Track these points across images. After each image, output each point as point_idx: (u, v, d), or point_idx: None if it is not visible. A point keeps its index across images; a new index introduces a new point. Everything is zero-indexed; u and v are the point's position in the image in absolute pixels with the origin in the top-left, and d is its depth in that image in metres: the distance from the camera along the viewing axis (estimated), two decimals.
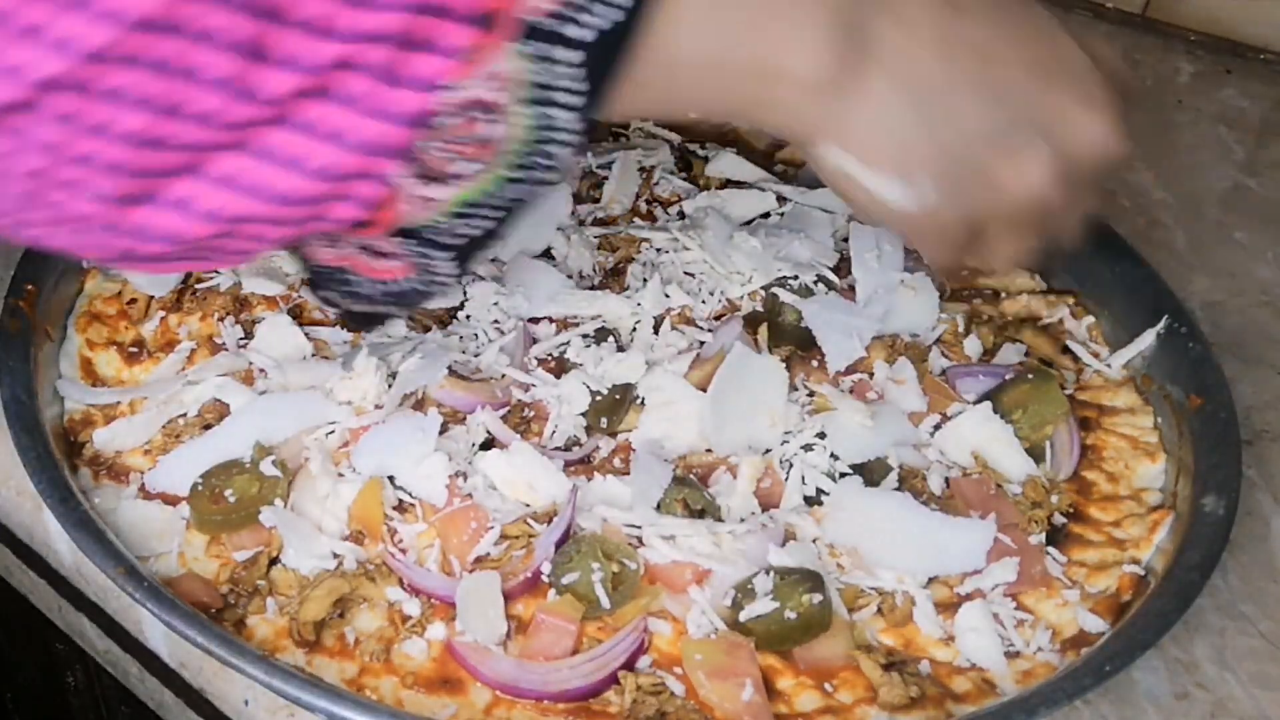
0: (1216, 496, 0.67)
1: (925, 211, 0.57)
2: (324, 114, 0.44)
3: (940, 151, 0.56)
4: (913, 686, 0.61)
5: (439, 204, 0.49)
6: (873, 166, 0.56)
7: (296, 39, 0.42)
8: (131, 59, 0.40)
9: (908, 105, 0.55)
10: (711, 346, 0.76)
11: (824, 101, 0.54)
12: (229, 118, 0.43)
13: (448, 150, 0.47)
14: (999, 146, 0.56)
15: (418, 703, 0.60)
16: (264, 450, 0.68)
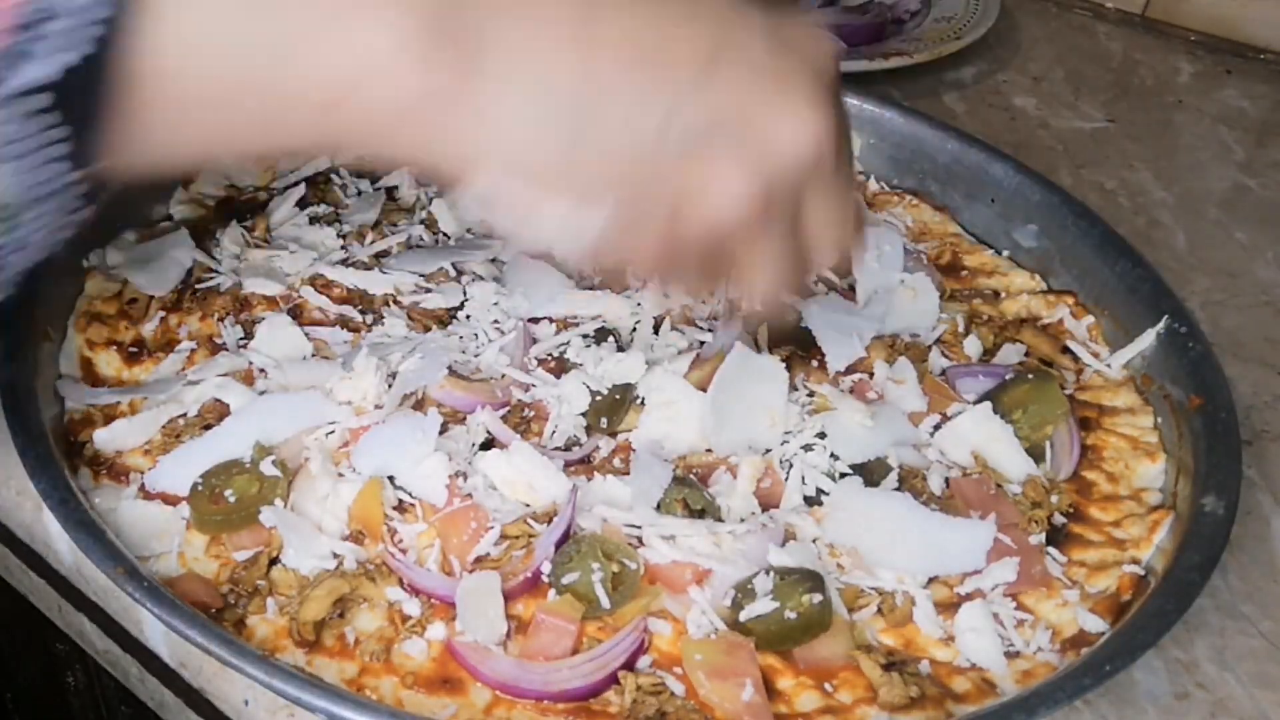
0: (1216, 496, 0.67)
1: (613, 235, 0.49)
2: None
3: (608, 163, 0.48)
4: (913, 686, 0.61)
5: None
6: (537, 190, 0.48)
7: None
8: None
9: (554, 113, 0.46)
10: (711, 346, 0.76)
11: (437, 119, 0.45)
12: None
13: None
14: (683, 155, 0.48)
15: (418, 703, 0.60)
16: (264, 450, 0.68)
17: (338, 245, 0.85)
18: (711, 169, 0.48)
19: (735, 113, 0.48)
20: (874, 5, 1.25)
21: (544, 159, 0.47)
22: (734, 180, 0.49)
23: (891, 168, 0.96)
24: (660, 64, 0.47)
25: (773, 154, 0.49)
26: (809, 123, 0.49)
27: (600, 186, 0.48)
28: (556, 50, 0.46)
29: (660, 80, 0.47)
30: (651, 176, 0.48)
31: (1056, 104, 1.14)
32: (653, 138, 0.47)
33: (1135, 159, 1.07)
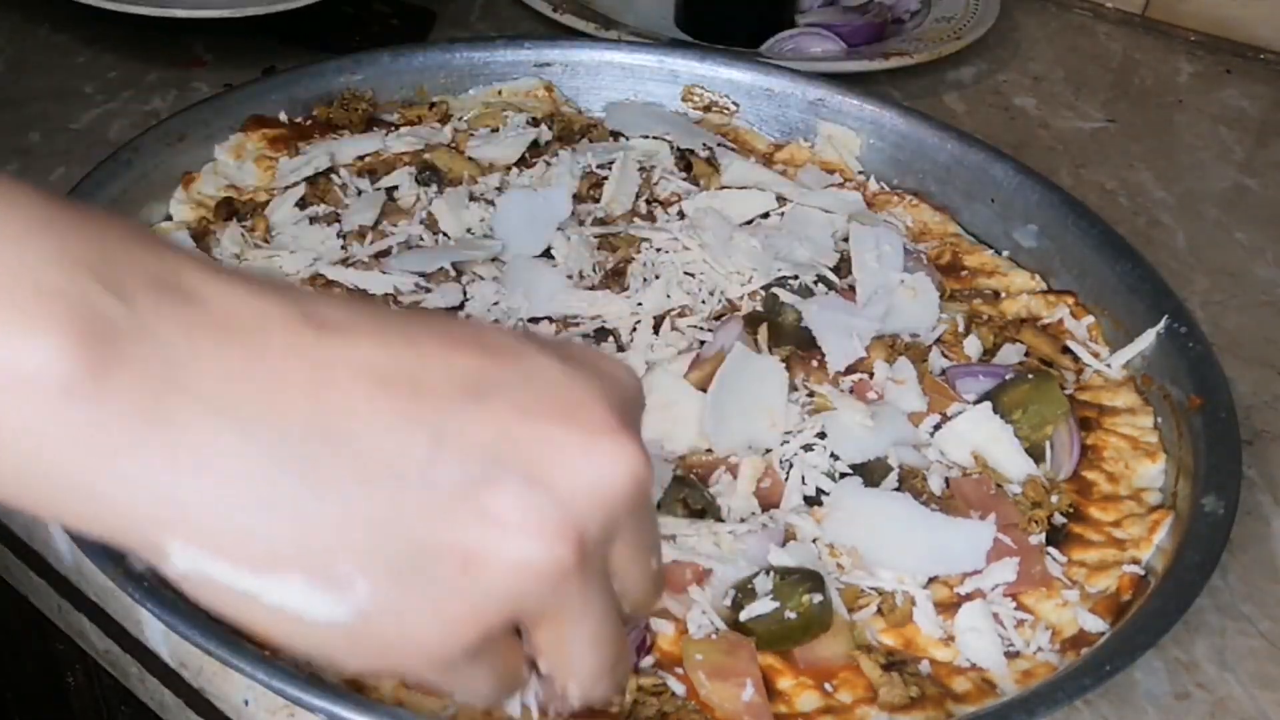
0: (1216, 496, 0.67)
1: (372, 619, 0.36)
2: None
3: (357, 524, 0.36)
4: (913, 686, 0.61)
5: None
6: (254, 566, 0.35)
7: None
8: None
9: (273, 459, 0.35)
10: (711, 346, 0.76)
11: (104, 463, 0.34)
12: None
13: None
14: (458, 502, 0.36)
15: (418, 703, 0.60)
16: None
17: (338, 245, 0.85)
18: (499, 520, 0.37)
19: (522, 449, 0.37)
20: (874, 5, 1.25)
21: (261, 522, 0.35)
22: (530, 529, 0.37)
23: (891, 168, 0.96)
24: (416, 397, 0.37)
25: (573, 494, 0.38)
26: (612, 455, 0.38)
27: (344, 555, 0.36)
28: (275, 380, 0.35)
29: (417, 409, 0.36)
30: (418, 536, 0.36)
31: (1056, 104, 1.14)
32: (415, 485, 0.36)
33: (1135, 159, 1.07)
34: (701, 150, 0.95)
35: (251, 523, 0.35)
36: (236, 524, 0.35)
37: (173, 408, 0.34)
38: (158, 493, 0.34)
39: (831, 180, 0.95)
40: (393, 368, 0.37)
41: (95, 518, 0.35)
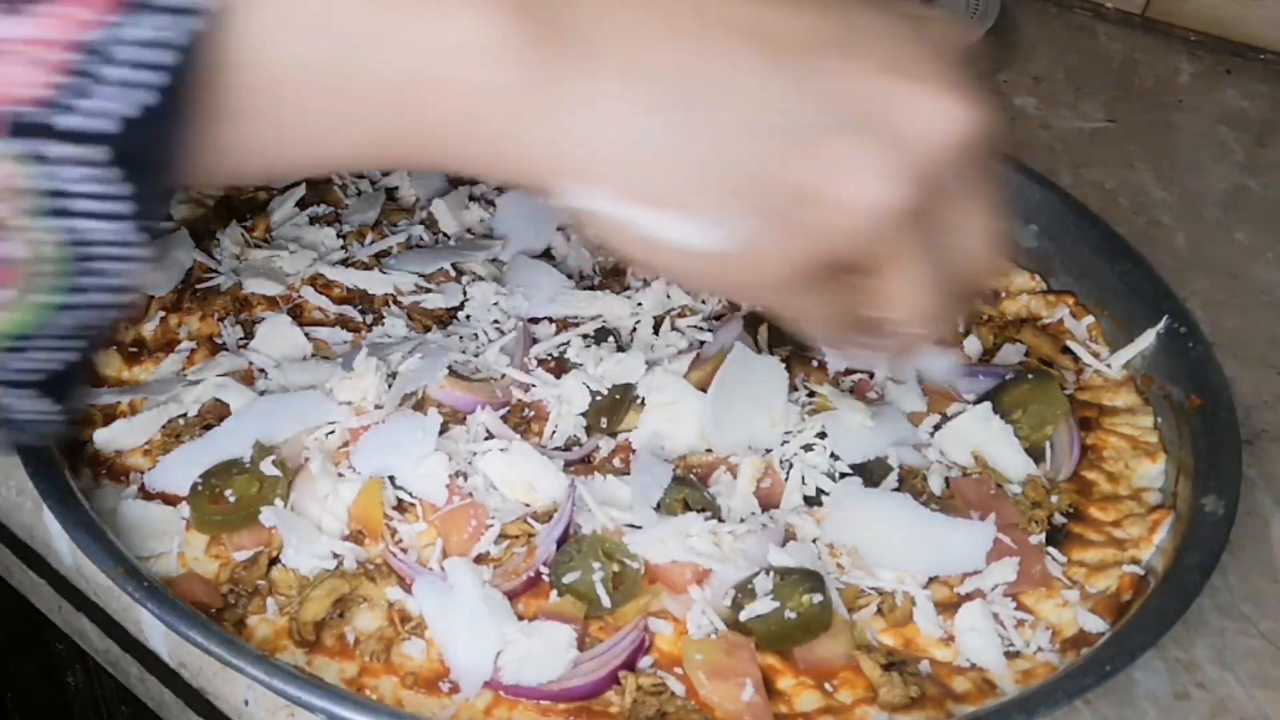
0: (1216, 496, 0.67)
1: (741, 253, 0.42)
2: None
3: (730, 165, 0.41)
4: (913, 686, 0.61)
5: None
6: (648, 202, 0.41)
7: None
8: None
9: (666, 108, 0.40)
10: (711, 346, 0.76)
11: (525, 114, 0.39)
12: None
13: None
14: (812, 146, 0.41)
15: (418, 703, 0.60)
16: (264, 450, 0.68)
17: (338, 245, 0.85)
18: (848, 163, 0.41)
19: (868, 100, 0.41)
20: None
21: (649, 161, 0.40)
22: (875, 173, 0.41)
23: None
24: (777, 51, 0.41)
25: (917, 142, 0.42)
26: (955, 105, 0.42)
27: (717, 191, 0.41)
28: (659, 38, 0.40)
29: (778, 68, 0.41)
30: (777, 177, 0.41)
31: (1056, 104, 1.14)
32: (775, 132, 0.41)
33: (1135, 159, 1.07)
34: None
35: (642, 167, 0.40)
36: (630, 168, 0.40)
37: (589, 67, 0.39)
38: (572, 142, 0.40)
39: None
40: (757, 23, 0.41)
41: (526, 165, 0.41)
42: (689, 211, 0.41)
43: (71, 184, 0.35)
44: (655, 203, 0.41)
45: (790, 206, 0.41)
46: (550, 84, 0.39)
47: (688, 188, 0.41)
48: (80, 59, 0.34)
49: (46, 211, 0.36)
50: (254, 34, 0.37)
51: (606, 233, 0.42)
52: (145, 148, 0.36)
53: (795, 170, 0.41)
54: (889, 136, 0.41)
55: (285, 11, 0.37)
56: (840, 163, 0.41)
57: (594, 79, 0.39)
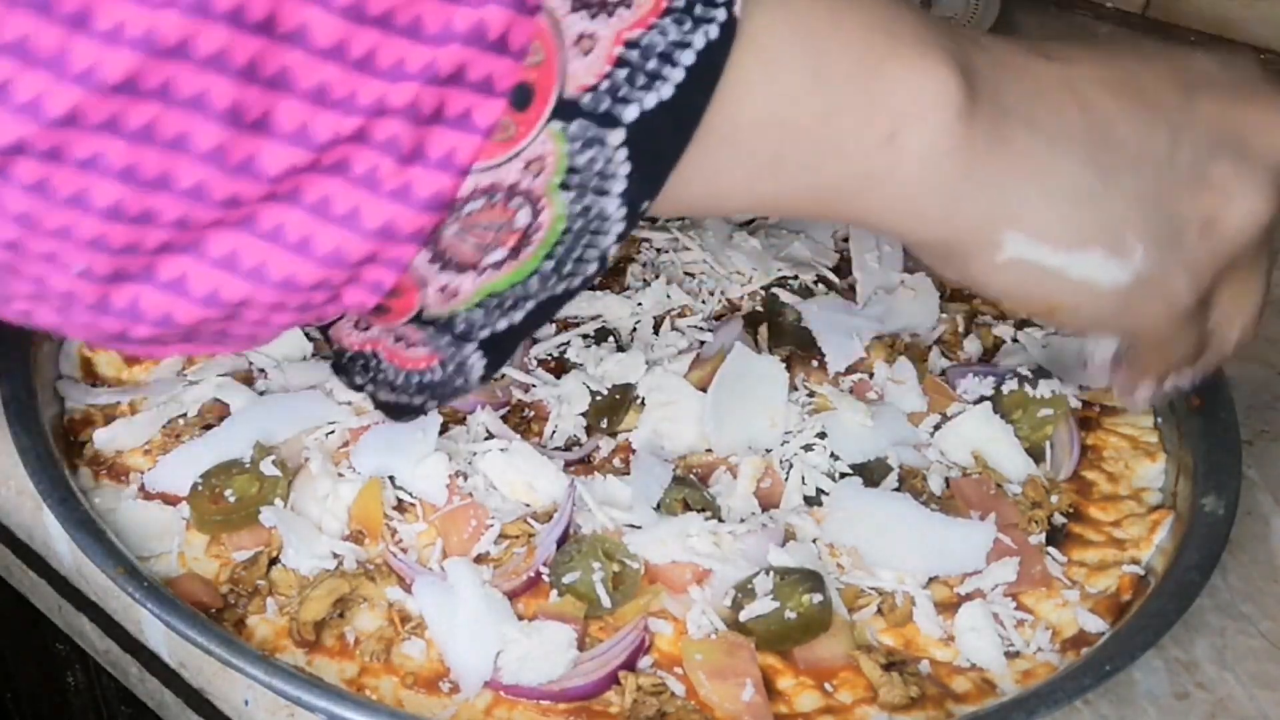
0: (1216, 496, 0.67)
1: (1143, 281, 0.46)
2: (336, 193, 0.39)
3: (1136, 202, 0.45)
4: (913, 686, 0.61)
5: (463, 295, 0.43)
6: (1069, 245, 0.45)
7: (301, 109, 0.37)
8: (106, 125, 0.36)
9: (1074, 158, 0.44)
10: (711, 346, 0.76)
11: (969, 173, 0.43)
12: (224, 194, 0.38)
13: (474, 237, 0.41)
14: (1194, 178, 0.46)
15: (418, 703, 0.60)
16: (264, 450, 0.68)
17: None
18: (1233, 188, 0.46)
19: (1228, 128, 0.47)
20: None
21: (1071, 209, 0.44)
22: (1257, 192, 0.47)
23: None
24: (1145, 98, 0.46)
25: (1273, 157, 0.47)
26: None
27: (1128, 228, 0.45)
28: (1063, 103, 0.44)
29: (1152, 111, 0.46)
30: (1179, 211, 0.46)
31: None
32: (1167, 172, 0.46)
33: None
34: None
35: (1065, 211, 0.44)
36: (1055, 214, 0.44)
37: (1009, 126, 0.43)
38: (1008, 195, 0.44)
39: None
40: (1122, 81, 0.46)
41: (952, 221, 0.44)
42: (1110, 250, 0.45)
43: (596, 164, 0.40)
44: (1080, 245, 0.45)
45: (1192, 236, 0.46)
46: (987, 143, 0.43)
47: (1108, 230, 0.45)
48: (631, 55, 0.38)
49: (569, 185, 0.40)
50: (750, 65, 0.40)
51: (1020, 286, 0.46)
52: (653, 138, 0.40)
53: (1192, 203, 0.46)
54: (1255, 156, 0.47)
55: (783, 51, 0.41)
56: (1227, 189, 0.46)
57: (1022, 137, 0.43)
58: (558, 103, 0.39)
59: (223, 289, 0.40)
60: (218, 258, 0.40)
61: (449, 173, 0.39)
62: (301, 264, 0.40)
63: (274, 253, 0.40)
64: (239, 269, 0.40)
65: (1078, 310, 0.47)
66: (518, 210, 0.41)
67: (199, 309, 0.41)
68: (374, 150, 0.38)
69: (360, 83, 0.37)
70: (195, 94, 0.36)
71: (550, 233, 0.42)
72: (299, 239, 0.39)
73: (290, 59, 0.36)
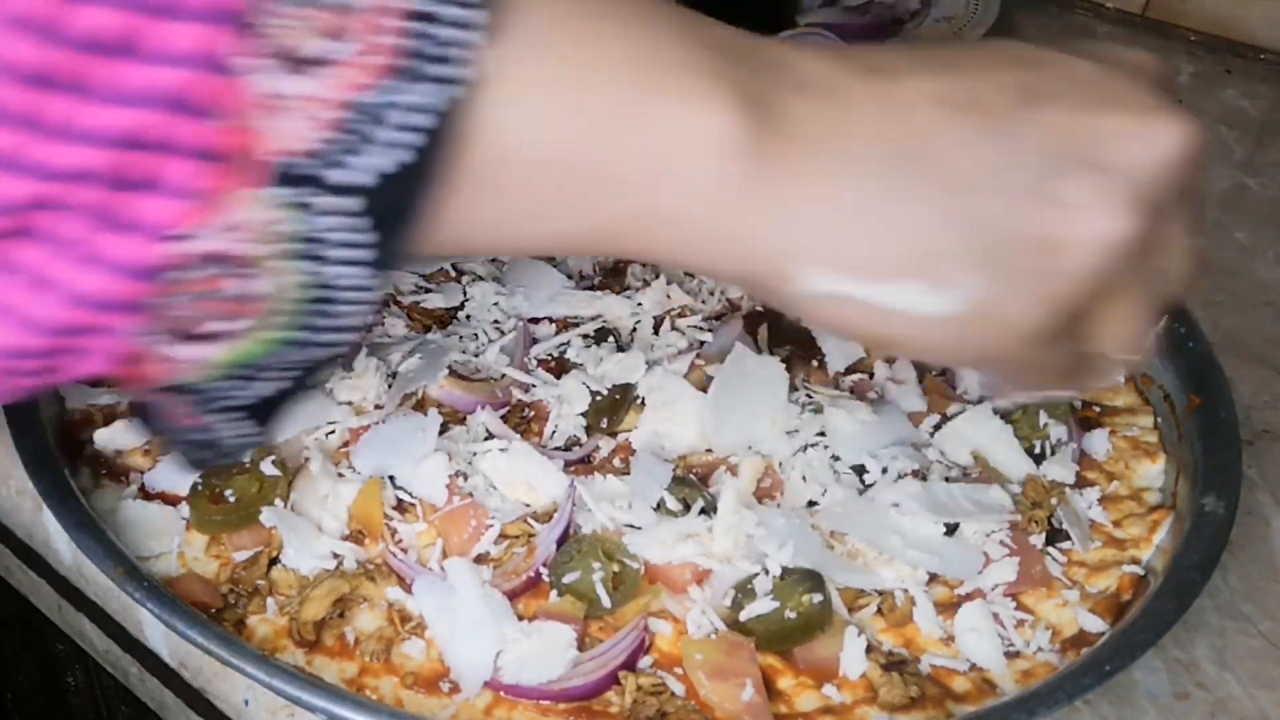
0: (1216, 496, 0.67)
1: (978, 308, 0.42)
2: (32, 259, 0.37)
3: (956, 227, 0.41)
4: (913, 686, 0.61)
5: (202, 364, 0.41)
6: (877, 277, 0.41)
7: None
8: None
9: (875, 182, 0.41)
10: (711, 346, 0.76)
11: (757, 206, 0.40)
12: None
13: (196, 308, 0.39)
14: (1033, 196, 0.41)
15: (418, 703, 0.60)
16: (264, 450, 0.68)
17: None
18: (1078, 204, 0.41)
19: (1079, 139, 0.42)
20: (874, 5, 1.25)
21: (879, 237, 0.41)
22: (1105, 208, 0.41)
23: None
24: (981, 114, 0.42)
25: (1134, 169, 0.42)
26: (1161, 126, 0.42)
27: (949, 256, 0.41)
28: (867, 123, 0.41)
29: (988, 130, 0.42)
30: (1012, 231, 0.41)
31: None
32: (1000, 190, 0.41)
33: None
34: None
35: (872, 242, 0.41)
36: (861, 245, 0.41)
37: (799, 156, 0.40)
38: (800, 228, 0.41)
39: None
40: (952, 93, 0.42)
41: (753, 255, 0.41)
42: (927, 279, 0.41)
43: (324, 231, 0.37)
44: (891, 275, 0.41)
45: (1029, 257, 0.42)
46: (774, 175, 0.40)
47: (922, 257, 0.41)
48: (351, 117, 0.36)
49: (299, 255, 0.38)
50: (506, 109, 0.38)
51: (838, 319, 0.43)
52: (396, 202, 0.38)
53: (1028, 221, 0.41)
54: (1109, 170, 0.41)
55: (542, 91, 0.39)
56: (1071, 205, 0.41)
57: (815, 167, 0.40)
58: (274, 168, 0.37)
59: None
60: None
61: (152, 240, 0.37)
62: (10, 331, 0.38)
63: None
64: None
65: (906, 341, 0.44)
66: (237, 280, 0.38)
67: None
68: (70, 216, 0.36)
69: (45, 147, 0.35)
70: None
71: (294, 302, 0.39)
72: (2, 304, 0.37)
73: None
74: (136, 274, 0.37)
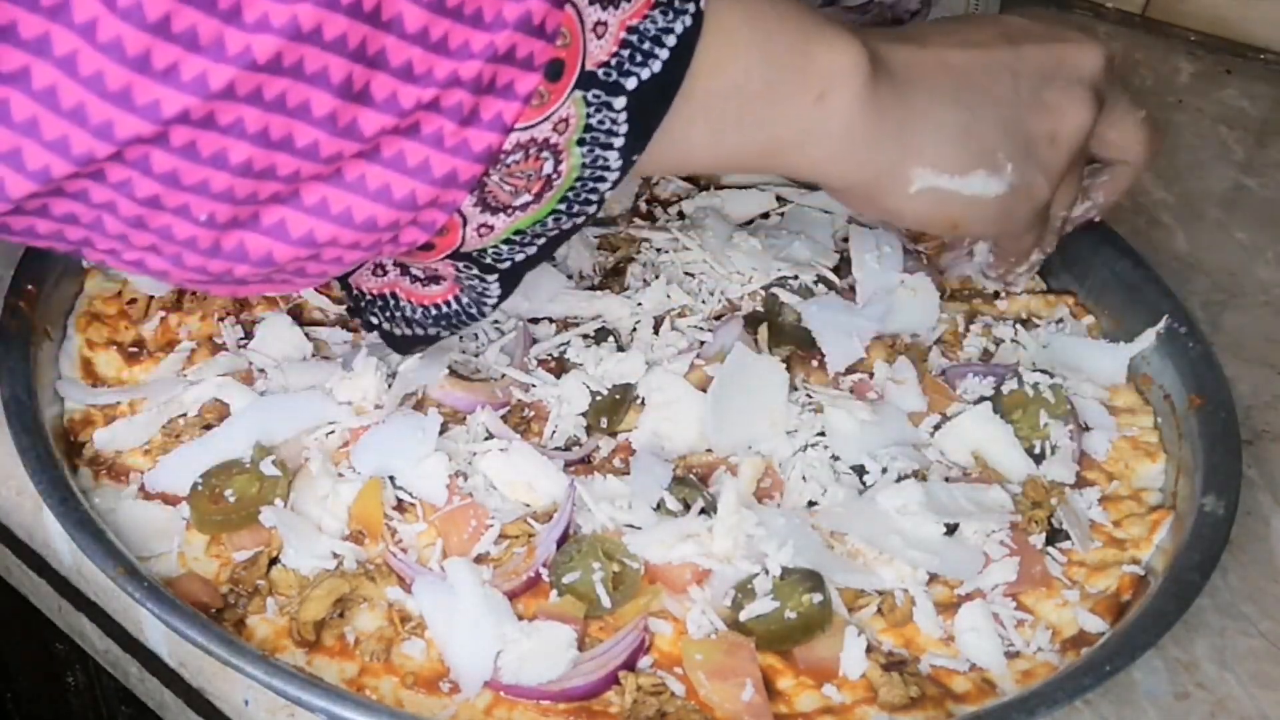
0: (1216, 496, 0.67)
1: (1015, 189, 0.62)
2: (410, 149, 0.48)
3: (999, 130, 0.61)
4: (913, 686, 0.61)
5: (495, 232, 0.54)
6: (961, 171, 0.60)
7: (392, 82, 0.46)
8: (249, 97, 0.44)
9: (950, 105, 0.60)
10: (711, 346, 0.76)
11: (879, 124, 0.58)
12: (328, 151, 0.47)
13: (510, 184, 0.52)
14: (1035, 104, 0.62)
15: (418, 703, 0.60)
16: (264, 450, 0.68)
17: None
18: (1063, 103, 0.63)
19: (1051, 63, 0.64)
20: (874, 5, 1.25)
21: (957, 144, 0.60)
22: (1080, 102, 0.64)
23: None
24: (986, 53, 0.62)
25: (1087, 72, 0.65)
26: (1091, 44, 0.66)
27: (998, 151, 0.61)
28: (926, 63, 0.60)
29: (993, 61, 0.62)
30: (1028, 131, 0.62)
31: None
32: (1012, 101, 0.62)
33: None
34: None
35: (953, 145, 0.60)
36: (946, 149, 0.60)
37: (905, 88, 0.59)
38: (908, 138, 0.59)
39: None
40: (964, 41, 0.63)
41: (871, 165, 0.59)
42: (989, 168, 0.61)
43: (606, 123, 0.52)
44: (970, 168, 0.61)
45: (1042, 147, 0.63)
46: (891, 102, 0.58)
47: (985, 155, 0.61)
48: (631, 38, 0.50)
49: (584, 141, 0.52)
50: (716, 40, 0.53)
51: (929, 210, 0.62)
52: (645, 102, 0.52)
53: (1037, 123, 0.63)
54: (1074, 79, 0.64)
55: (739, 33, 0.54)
56: (1060, 108, 0.63)
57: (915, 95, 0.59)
58: (580, 75, 0.50)
59: (316, 231, 0.49)
60: (313, 205, 0.49)
61: (497, 131, 0.49)
62: (380, 208, 0.49)
63: (359, 199, 0.49)
64: (329, 214, 0.49)
65: (972, 222, 0.63)
66: (545, 161, 0.51)
67: (293, 249, 0.50)
68: (444, 114, 0.48)
69: (436, 60, 0.46)
70: (316, 70, 0.44)
71: (567, 180, 0.53)
72: (380, 187, 0.49)
73: (387, 42, 0.45)
74: (482, 158, 0.50)
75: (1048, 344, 0.81)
